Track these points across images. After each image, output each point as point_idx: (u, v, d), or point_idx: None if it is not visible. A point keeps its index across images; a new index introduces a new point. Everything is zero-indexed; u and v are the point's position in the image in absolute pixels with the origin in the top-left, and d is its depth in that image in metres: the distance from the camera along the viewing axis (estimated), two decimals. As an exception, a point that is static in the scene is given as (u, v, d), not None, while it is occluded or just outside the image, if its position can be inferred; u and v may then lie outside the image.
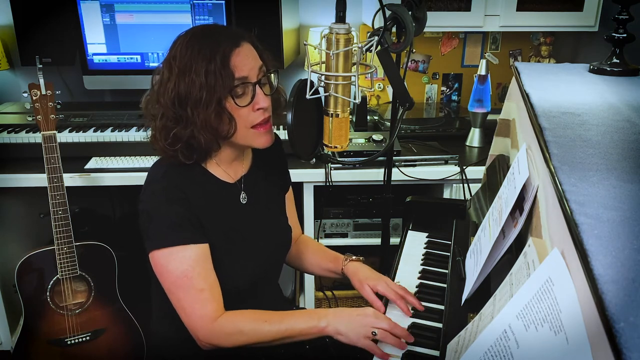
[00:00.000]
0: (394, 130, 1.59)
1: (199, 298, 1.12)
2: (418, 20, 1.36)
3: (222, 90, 1.08)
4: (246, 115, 1.13)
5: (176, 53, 1.10)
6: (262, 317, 1.15)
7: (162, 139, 1.13)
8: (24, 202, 2.36)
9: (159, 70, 1.14)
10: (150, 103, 1.15)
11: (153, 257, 1.15)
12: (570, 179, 0.73)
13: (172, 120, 1.11)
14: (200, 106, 1.08)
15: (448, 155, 2.03)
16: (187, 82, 1.07)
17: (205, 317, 1.12)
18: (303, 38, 2.45)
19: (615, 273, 0.53)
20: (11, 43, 2.29)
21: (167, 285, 1.15)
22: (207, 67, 1.07)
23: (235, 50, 1.10)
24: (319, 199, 2.07)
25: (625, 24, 1.23)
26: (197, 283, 1.12)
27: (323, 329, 1.11)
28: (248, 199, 1.26)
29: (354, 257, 1.38)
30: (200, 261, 1.13)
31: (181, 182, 1.15)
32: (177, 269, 1.12)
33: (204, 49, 1.08)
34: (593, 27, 2.18)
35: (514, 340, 0.66)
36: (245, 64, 1.11)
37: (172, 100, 1.09)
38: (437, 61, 2.55)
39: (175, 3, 2.13)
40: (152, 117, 1.15)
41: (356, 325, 1.09)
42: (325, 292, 2.28)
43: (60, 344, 1.91)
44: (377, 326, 1.08)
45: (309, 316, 1.14)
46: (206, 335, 1.13)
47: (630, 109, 1.02)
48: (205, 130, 1.10)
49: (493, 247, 0.97)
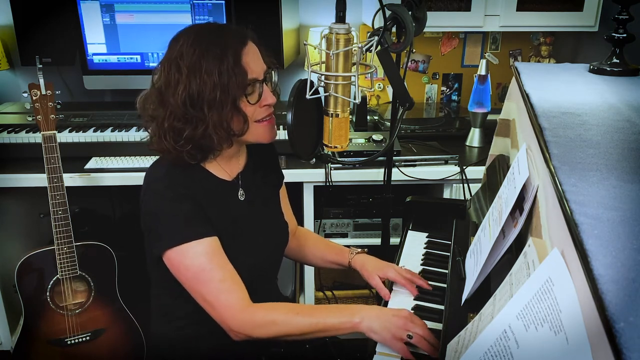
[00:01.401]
0: (394, 130, 1.59)
1: (222, 288, 1.11)
2: (418, 20, 1.36)
3: (236, 90, 1.08)
4: (253, 112, 1.14)
5: (182, 52, 1.08)
6: (295, 309, 1.14)
7: (170, 139, 1.11)
8: (24, 202, 2.36)
9: (158, 71, 1.13)
10: (151, 103, 1.14)
11: (167, 257, 1.13)
12: (570, 179, 0.73)
13: (181, 121, 1.10)
14: (215, 106, 1.07)
15: (448, 155, 2.03)
16: (198, 82, 1.07)
17: (232, 306, 1.11)
18: (303, 38, 2.45)
19: (615, 273, 0.53)
20: (11, 43, 2.29)
21: (188, 282, 1.14)
22: (220, 66, 1.06)
23: (244, 49, 1.10)
24: (319, 199, 2.07)
25: (625, 24, 1.23)
26: (217, 274, 1.11)
27: (356, 324, 1.09)
28: (246, 196, 1.27)
29: (359, 250, 1.41)
30: (215, 253, 1.13)
31: (183, 180, 1.15)
32: (194, 264, 1.11)
33: (212, 47, 1.07)
34: (593, 27, 2.18)
35: (514, 340, 0.66)
36: (254, 62, 1.12)
37: (182, 101, 1.08)
38: (437, 61, 2.55)
39: (175, 3, 2.13)
40: (151, 118, 1.14)
41: (391, 325, 1.07)
42: (325, 292, 2.29)
43: (60, 344, 1.91)
44: (413, 330, 1.06)
45: (342, 311, 1.12)
46: (237, 324, 1.11)
47: (630, 109, 1.02)
48: (220, 129, 1.10)
49: (493, 247, 0.97)
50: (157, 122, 1.13)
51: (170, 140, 1.11)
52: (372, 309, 1.12)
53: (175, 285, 1.16)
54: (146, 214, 1.16)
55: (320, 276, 2.25)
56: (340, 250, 1.44)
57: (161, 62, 1.13)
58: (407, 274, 1.30)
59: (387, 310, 1.12)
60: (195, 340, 1.25)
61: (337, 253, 1.43)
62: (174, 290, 1.17)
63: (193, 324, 1.23)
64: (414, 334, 1.06)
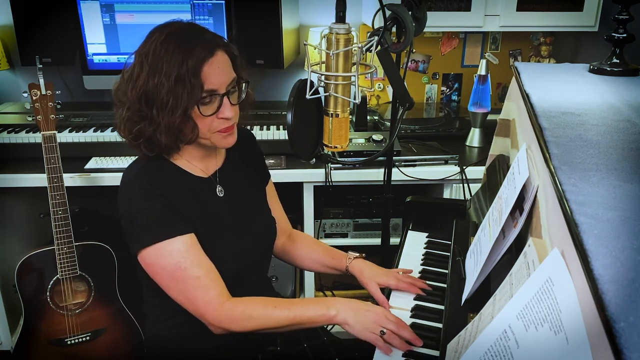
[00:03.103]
0: (394, 130, 1.59)
1: (198, 285, 1.12)
2: (418, 20, 1.36)
3: (188, 99, 1.07)
4: (210, 122, 1.13)
5: (149, 50, 1.09)
6: (272, 303, 1.15)
7: (125, 130, 1.13)
8: (24, 202, 2.36)
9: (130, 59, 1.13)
10: (120, 91, 1.15)
11: (142, 257, 1.14)
12: (570, 179, 0.73)
13: (136, 115, 1.11)
14: (166, 110, 1.07)
15: (448, 155, 2.03)
16: (155, 83, 1.07)
17: (210, 302, 1.12)
18: (303, 38, 2.45)
19: (615, 273, 0.53)
20: (11, 43, 2.29)
21: (164, 281, 1.15)
22: (178, 72, 1.05)
23: (208, 60, 1.08)
24: (319, 199, 2.07)
25: (625, 24, 1.23)
26: (192, 272, 1.12)
27: (332, 317, 1.12)
28: (225, 192, 1.27)
29: (357, 254, 1.40)
30: (190, 250, 1.13)
31: (155, 179, 1.15)
32: (168, 264, 1.12)
33: (177, 51, 1.06)
34: (593, 27, 2.18)
35: (514, 340, 0.66)
36: (216, 75, 1.09)
37: (138, 97, 1.09)
38: (437, 61, 2.55)
39: (175, 3, 2.13)
40: (120, 104, 1.15)
41: (365, 320, 1.10)
42: (325, 292, 2.29)
43: (60, 344, 1.91)
44: (386, 326, 1.09)
45: (318, 304, 1.14)
46: (215, 319, 1.13)
47: (630, 109, 1.02)
48: (168, 133, 1.10)
49: (493, 247, 0.97)
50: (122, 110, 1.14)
51: (125, 130, 1.13)
52: (348, 302, 1.14)
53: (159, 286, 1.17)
54: (121, 214, 1.16)
55: (320, 276, 2.25)
56: (337, 254, 1.42)
57: (134, 52, 1.13)
58: (407, 279, 1.30)
59: (361, 304, 1.15)
60: (189, 339, 1.25)
61: (334, 257, 1.42)
62: (160, 291, 1.17)
63: (184, 323, 1.23)
64: (386, 330, 1.09)
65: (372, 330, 1.09)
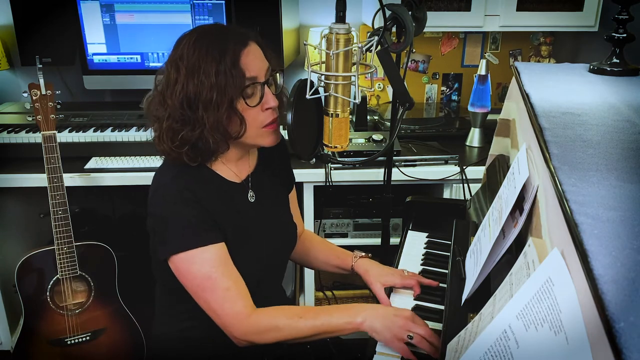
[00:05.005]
0: (394, 130, 1.59)
1: (227, 297, 1.11)
2: (418, 20, 1.36)
3: (233, 90, 1.07)
4: (255, 115, 1.13)
5: (182, 53, 1.08)
6: (298, 312, 1.14)
7: (168, 140, 1.11)
8: (24, 202, 2.36)
9: (163, 71, 1.13)
10: (154, 105, 1.14)
11: (173, 262, 1.13)
12: (570, 179, 0.73)
13: (179, 122, 1.09)
14: (211, 107, 1.07)
15: (448, 155, 2.03)
16: (196, 83, 1.06)
17: (237, 314, 1.11)
18: (303, 38, 2.45)
19: (615, 273, 0.53)
20: (11, 43, 2.29)
21: (193, 288, 1.14)
22: (217, 68, 1.06)
23: (244, 50, 1.09)
24: (319, 199, 2.07)
25: (625, 24, 1.23)
26: (222, 283, 1.11)
27: (359, 325, 1.10)
28: (256, 197, 1.26)
29: (362, 253, 1.40)
30: (221, 260, 1.13)
31: (191, 185, 1.14)
32: (199, 272, 1.11)
33: (212, 48, 1.07)
34: (593, 27, 2.18)
35: (514, 340, 0.66)
36: (254, 63, 1.10)
37: (180, 102, 1.08)
38: (437, 61, 2.55)
39: (175, 3, 2.13)
40: (155, 119, 1.14)
41: (393, 325, 1.08)
42: (325, 292, 2.29)
43: (60, 344, 1.91)
44: (414, 330, 1.07)
45: (344, 311, 1.13)
46: (241, 332, 1.12)
47: (630, 109, 1.02)
48: (216, 132, 1.09)
49: (493, 247, 0.97)
50: (159, 123, 1.13)
51: (168, 141, 1.11)
52: (375, 309, 1.12)
53: (180, 288, 1.16)
54: (152, 216, 1.15)
55: (321, 276, 2.25)
56: (343, 253, 1.43)
57: (165, 63, 1.13)
58: (413, 277, 1.31)
59: (390, 310, 1.12)
60: (197, 342, 1.25)
61: (340, 256, 1.42)
62: (178, 292, 1.17)
63: (197, 327, 1.23)
64: (414, 334, 1.06)
65: (400, 336, 1.07)
